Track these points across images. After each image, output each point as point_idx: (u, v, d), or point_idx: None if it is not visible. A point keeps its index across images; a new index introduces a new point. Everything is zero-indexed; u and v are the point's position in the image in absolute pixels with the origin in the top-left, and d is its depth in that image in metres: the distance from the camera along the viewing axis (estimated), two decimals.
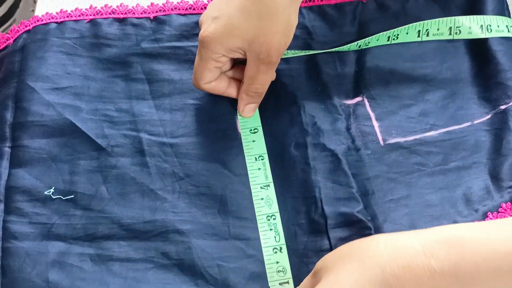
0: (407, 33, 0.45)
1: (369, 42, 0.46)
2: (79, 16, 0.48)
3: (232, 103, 0.45)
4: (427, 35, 0.45)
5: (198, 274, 0.40)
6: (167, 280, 0.40)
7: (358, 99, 0.45)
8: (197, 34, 0.47)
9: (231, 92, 0.44)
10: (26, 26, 0.48)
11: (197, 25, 0.47)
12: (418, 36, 0.45)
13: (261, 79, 0.42)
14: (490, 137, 0.43)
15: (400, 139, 0.44)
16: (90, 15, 0.48)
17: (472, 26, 0.45)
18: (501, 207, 0.41)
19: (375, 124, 0.45)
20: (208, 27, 0.39)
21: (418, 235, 0.32)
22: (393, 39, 0.46)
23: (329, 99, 0.45)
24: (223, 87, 0.44)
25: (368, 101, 0.45)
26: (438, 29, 0.45)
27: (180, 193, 0.42)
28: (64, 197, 0.42)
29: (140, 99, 0.46)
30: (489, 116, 0.44)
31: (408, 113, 0.45)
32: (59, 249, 0.41)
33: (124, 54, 0.47)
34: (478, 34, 0.45)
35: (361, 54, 0.47)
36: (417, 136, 0.44)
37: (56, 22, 0.48)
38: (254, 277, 0.40)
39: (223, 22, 0.39)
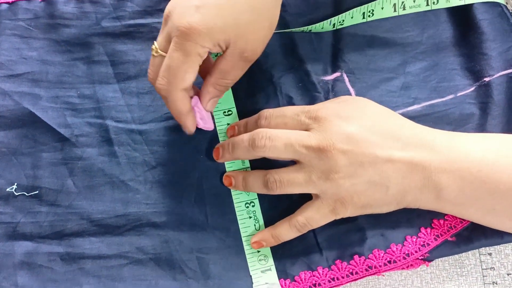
0: (382, 7, 0.43)
1: (343, 21, 0.43)
2: None
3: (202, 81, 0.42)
4: (404, 9, 0.43)
5: (176, 268, 0.38)
6: (144, 276, 0.38)
7: (337, 74, 0.43)
8: (161, 10, 0.44)
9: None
10: None
11: (161, 0, 0.44)
12: (395, 10, 0.43)
13: (235, 74, 0.37)
14: (475, 111, 0.42)
15: None
16: None
17: None
18: None
19: None
20: (191, 17, 0.33)
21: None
22: (369, 15, 0.43)
23: (306, 76, 0.43)
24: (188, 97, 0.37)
25: (347, 76, 0.43)
26: (414, 1, 0.43)
27: (153, 183, 0.40)
28: (28, 193, 0.39)
29: (104, 83, 0.42)
30: (472, 89, 0.43)
31: (389, 87, 0.43)
32: (26, 249, 0.38)
33: (84, 34, 0.43)
34: (457, 1, 0.43)
35: (338, 29, 0.44)
36: (399, 111, 0.42)
37: (7, 3, 0.44)
38: (235, 268, 0.38)
39: (211, 12, 0.33)
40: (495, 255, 0.40)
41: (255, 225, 0.39)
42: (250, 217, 0.39)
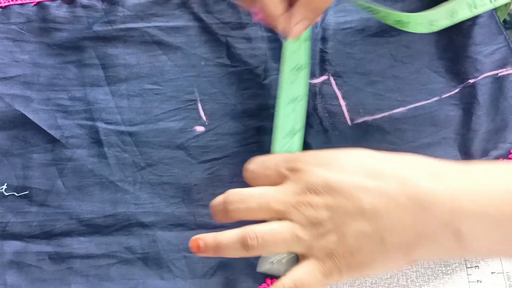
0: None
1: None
2: None
3: (193, 86, 0.43)
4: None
5: (164, 267, 0.38)
6: (132, 276, 0.38)
7: (324, 77, 0.44)
8: (153, 14, 0.45)
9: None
10: None
11: (152, 5, 0.45)
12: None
13: None
14: (459, 112, 0.43)
15: (368, 118, 0.43)
16: None
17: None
18: None
19: (342, 103, 0.43)
20: None
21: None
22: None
23: None
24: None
25: (334, 79, 0.44)
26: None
27: (142, 184, 0.40)
28: (18, 193, 0.40)
29: (95, 85, 0.43)
30: (457, 90, 0.43)
31: (375, 89, 0.44)
32: (16, 248, 0.38)
33: (76, 38, 0.44)
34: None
35: (325, 30, 0.45)
36: (385, 114, 0.43)
37: (0, 7, 0.44)
38: (222, 266, 0.39)
39: None
40: None
41: None
42: None
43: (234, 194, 0.32)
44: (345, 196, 0.29)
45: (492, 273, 0.40)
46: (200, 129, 0.42)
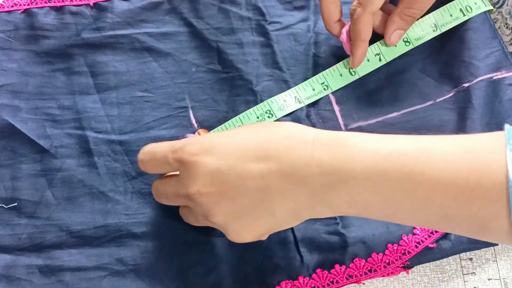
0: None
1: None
2: (12, 6, 0.44)
3: (184, 92, 0.42)
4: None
5: (156, 279, 0.38)
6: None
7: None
8: (142, 21, 0.44)
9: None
10: None
11: (142, 11, 0.44)
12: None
13: (424, 3, 0.39)
14: (454, 116, 0.42)
15: (362, 123, 0.42)
16: (24, 4, 0.44)
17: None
18: None
19: (336, 108, 0.43)
20: None
21: (315, 130, 0.32)
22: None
23: (286, 85, 0.43)
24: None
25: None
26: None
27: (133, 194, 0.40)
28: (6, 205, 0.39)
29: (84, 93, 0.42)
30: (451, 94, 0.43)
31: (369, 94, 0.43)
32: (5, 262, 0.38)
33: (64, 45, 0.43)
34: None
35: (317, 34, 0.44)
36: (379, 119, 0.43)
37: None
38: (216, 276, 0.38)
39: None
40: (476, 260, 0.40)
41: None
42: None
43: (153, 188, 0.36)
44: (231, 185, 0.31)
45: (489, 279, 0.39)
46: (191, 136, 0.41)
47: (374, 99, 0.43)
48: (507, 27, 0.45)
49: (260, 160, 0.30)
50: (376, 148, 0.29)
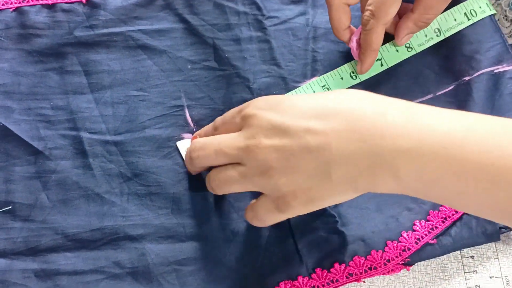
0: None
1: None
2: (2, 4, 0.43)
3: (180, 91, 0.42)
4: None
5: (154, 281, 0.37)
6: None
7: (315, 78, 0.42)
8: (136, 18, 0.43)
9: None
10: None
11: (135, 7, 0.43)
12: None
13: (439, 8, 0.39)
14: (454, 109, 0.41)
15: None
16: (15, 3, 0.43)
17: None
18: None
19: None
20: None
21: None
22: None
23: (284, 82, 0.42)
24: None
25: None
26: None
27: (129, 195, 0.39)
28: (0, 209, 0.38)
29: (78, 93, 0.41)
30: (451, 87, 0.42)
31: (369, 88, 0.42)
32: (0, 266, 0.37)
33: (57, 44, 0.42)
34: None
35: (316, 29, 0.44)
36: None
37: None
38: (214, 278, 0.38)
39: None
40: (477, 258, 0.40)
41: None
42: None
43: (196, 142, 0.36)
44: (292, 137, 0.30)
45: (490, 277, 0.39)
46: (187, 136, 0.41)
47: (374, 92, 0.42)
48: (506, 19, 0.44)
49: (324, 117, 0.30)
50: (453, 124, 0.28)
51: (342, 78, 0.42)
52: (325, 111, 0.30)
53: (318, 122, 0.30)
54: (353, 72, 0.42)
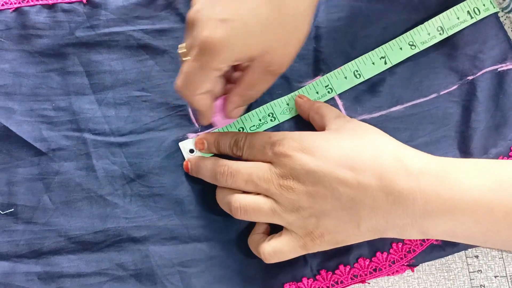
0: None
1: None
2: (2, 5, 0.43)
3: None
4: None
5: (158, 283, 0.37)
6: None
7: (319, 78, 0.42)
8: (137, 17, 0.43)
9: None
10: None
11: (137, 7, 0.43)
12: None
13: (262, 87, 0.36)
14: (458, 109, 0.41)
15: (366, 116, 0.42)
16: (15, 3, 0.43)
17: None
18: None
19: (339, 102, 0.42)
20: (214, 30, 0.31)
21: (418, 153, 0.33)
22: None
23: (287, 82, 0.42)
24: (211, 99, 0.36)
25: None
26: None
27: (132, 197, 0.39)
28: (3, 211, 0.38)
29: (80, 94, 0.41)
30: (455, 87, 0.42)
31: (372, 87, 0.42)
32: (3, 269, 0.37)
33: (58, 45, 0.42)
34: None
35: (318, 28, 0.43)
36: (383, 112, 0.42)
37: None
38: (218, 279, 0.38)
39: (236, 27, 0.31)
40: (482, 258, 0.39)
41: None
42: None
43: (223, 166, 0.36)
44: (325, 186, 0.32)
45: (495, 276, 0.39)
46: (192, 136, 0.41)
47: (377, 92, 0.42)
48: None
49: (359, 171, 0.32)
50: (482, 180, 0.31)
51: (345, 77, 0.42)
52: (359, 164, 0.32)
53: (352, 174, 0.32)
54: (356, 71, 0.42)
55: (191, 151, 0.40)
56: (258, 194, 0.35)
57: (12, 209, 0.38)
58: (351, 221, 0.32)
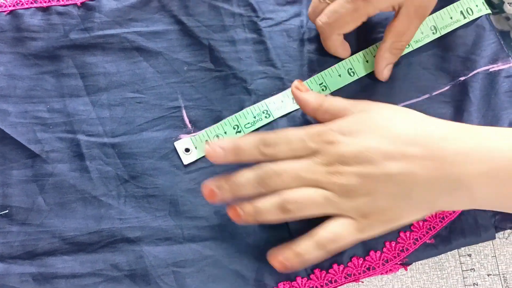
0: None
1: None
2: None
3: (177, 92, 0.42)
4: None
5: (152, 284, 0.37)
6: None
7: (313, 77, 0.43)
8: (131, 19, 0.43)
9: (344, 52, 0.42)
10: None
11: (131, 9, 0.43)
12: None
13: (410, 34, 0.39)
14: (450, 109, 0.42)
15: None
16: (10, 6, 0.43)
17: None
18: None
19: None
20: None
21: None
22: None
23: (281, 82, 0.42)
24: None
25: None
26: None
27: (126, 198, 0.39)
28: None
29: (74, 96, 0.41)
30: (447, 88, 0.42)
31: (365, 88, 0.42)
32: None
33: (52, 47, 0.42)
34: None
35: (311, 30, 0.44)
36: None
37: None
38: (212, 279, 0.38)
39: None
40: (474, 256, 0.40)
41: None
42: None
43: (266, 169, 0.34)
44: (374, 164, 0.32)
45: (488, 275, 0.39)
46: (184, 137, 0.41)
47: (370, 93, 0.42)
48: None
49: (401, 143, 0.32)
50: None
51: (339, 75, 0.42)
52: (403, 138, 0.33)
53: (398, 148, 0.32)
54: (350, 69, 0.42)
55: (187, 150, 0.40)
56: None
57: (7, 211, 0.38)
58: (402, 195, 0.32)
